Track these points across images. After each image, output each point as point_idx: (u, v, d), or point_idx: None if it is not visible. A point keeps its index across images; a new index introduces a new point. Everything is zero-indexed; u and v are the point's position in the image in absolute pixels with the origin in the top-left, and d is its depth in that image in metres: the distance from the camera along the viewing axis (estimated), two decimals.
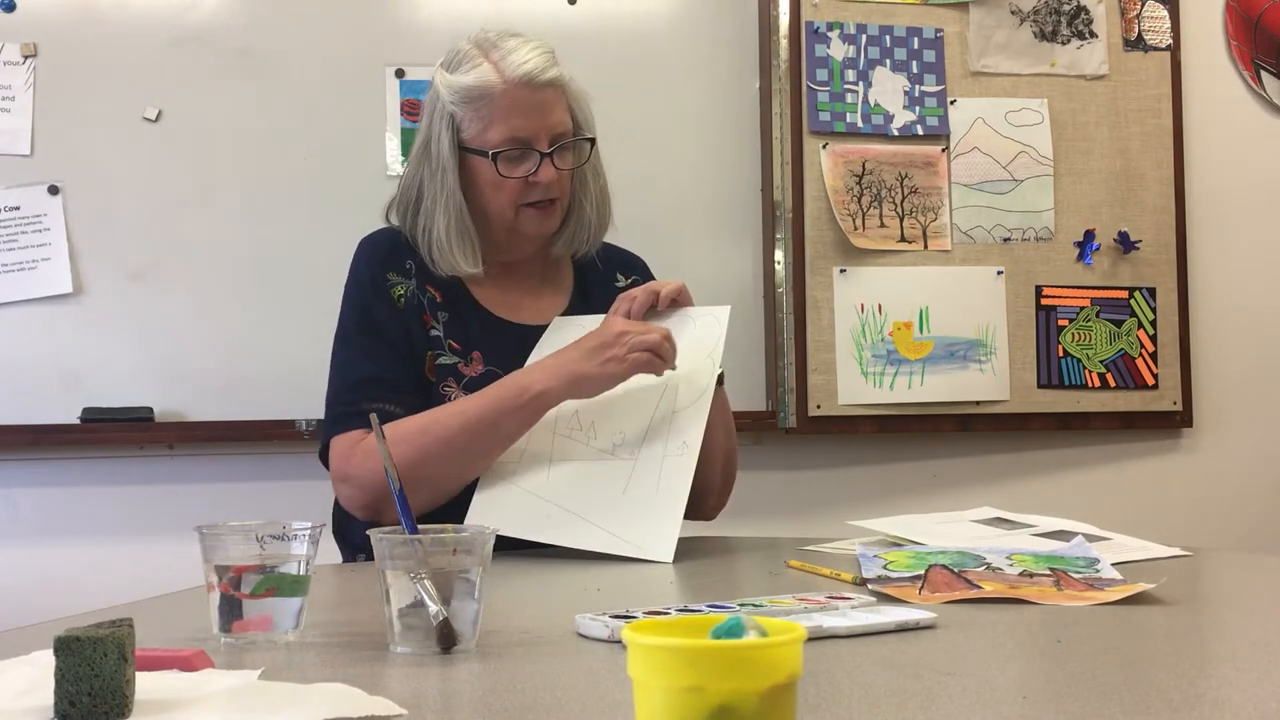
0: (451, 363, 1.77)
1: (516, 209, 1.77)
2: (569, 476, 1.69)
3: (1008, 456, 2.93)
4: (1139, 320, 2.93)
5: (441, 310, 1.79)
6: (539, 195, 1.76)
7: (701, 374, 1.74)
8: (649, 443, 1.70)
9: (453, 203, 1.76)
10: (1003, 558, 1.43)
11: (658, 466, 1.68)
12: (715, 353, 1.75)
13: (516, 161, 1.74)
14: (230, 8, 2.67)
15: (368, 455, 1.66)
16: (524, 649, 1.02)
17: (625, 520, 1.63)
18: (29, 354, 2.57)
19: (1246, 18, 3.05)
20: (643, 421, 1.72)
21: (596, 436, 1.72)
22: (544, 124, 1.74)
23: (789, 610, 1.13)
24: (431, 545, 1.02)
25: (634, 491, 1.66)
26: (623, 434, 1.71)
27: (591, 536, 1.63)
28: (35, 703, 0.81)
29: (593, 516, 1.64)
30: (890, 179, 2.82)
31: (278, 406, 2.57)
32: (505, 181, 1.75)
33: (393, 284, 1.78)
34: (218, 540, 1.07)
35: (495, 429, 1.67)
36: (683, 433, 1.70)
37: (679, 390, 1.73)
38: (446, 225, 1.77)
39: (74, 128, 2.60)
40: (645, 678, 0.64)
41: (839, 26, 2.82)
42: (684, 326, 1.76)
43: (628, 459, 1.69)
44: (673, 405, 1.73)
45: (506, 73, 1.72)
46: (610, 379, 1.67)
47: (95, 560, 2.58)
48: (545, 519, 1.65)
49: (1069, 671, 0.91)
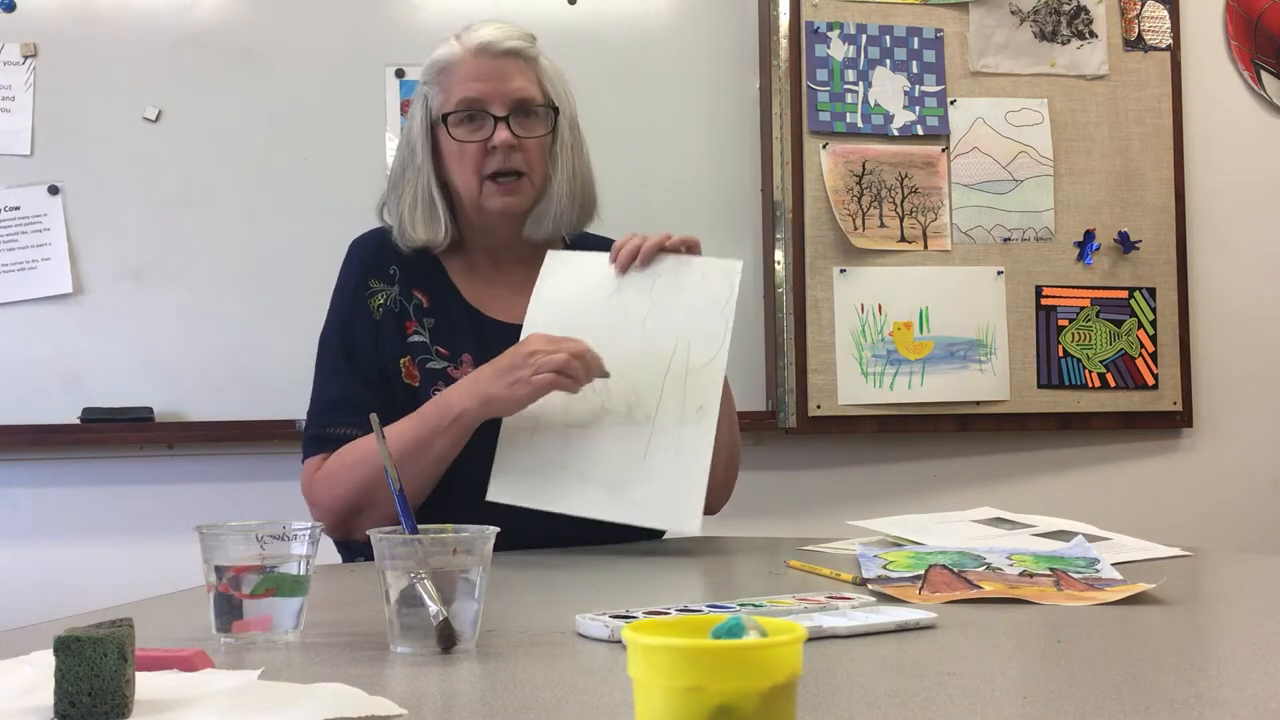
0: (440, 367, 1.76)
1: (481, 182, 1.76)
2: (587, 442, 1.66)
3: (1008, 456, 2.93)
4: (1139, 320, 2.92)
5: (428, 316, 1.79)
6: (498, 163, 1.74)
7: (713, 332, 1.70)
8: (665, 404, 1.67)
9: (422, 176, 1.78)
10: (1003, 558, 1.43)
11: (676, 431, 1.65)
12: (727, 310, 1.70)
13: (469, 125, 1.74)
14: (230, 8, 2.66)
15: (327, 482, 1.71)
16: (524, 649, 1.02)
17: (648, 491, 1.62)
18: (29, 354, 2.57)
19: (1246, 18, 3.05)
20: (656, 382, 1.68)
21: (611, 398, 1.68)
22: (499, 88, 1.74)
23: (789, 610, 1.13)
24: (431, 545, 1.02)
25: (654, 459, 1.64)
26: (636, 393, 1.67)
27: (617, 509, 1.62)
28: (35, 703, 0.81)
29: (615, 487, 1.63)
30: (890, 179, 2.82)
31: (278, 406, 2.57)
32: (465, 150, 1.74)
33: (374, 292, 1.79)
34: (218, 540, 1.07)
35: (428, 450, 1.66)
36: (699, 395, 1.66)
37: (690, 347, 1.69)
38: (413, 198, 1.78)
39: (74, 128, 2.60)
40: (645, 678, 0.64)
41: (839, 26, 2.82)
42: (691, 279, 1.72)
43: (644, 423, 1.66)
44: (685, 364, 1.68)
45: (468, 43, 1.77)
46: (517, 402, 1.63)
47: (95, 560, 2.58)
48: (568, 489, 1.64)
49: (1069, 671, 0.91)
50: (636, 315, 1.71)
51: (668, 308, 1.70)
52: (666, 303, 1.71)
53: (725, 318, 1.70)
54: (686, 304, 1.70)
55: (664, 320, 1.70)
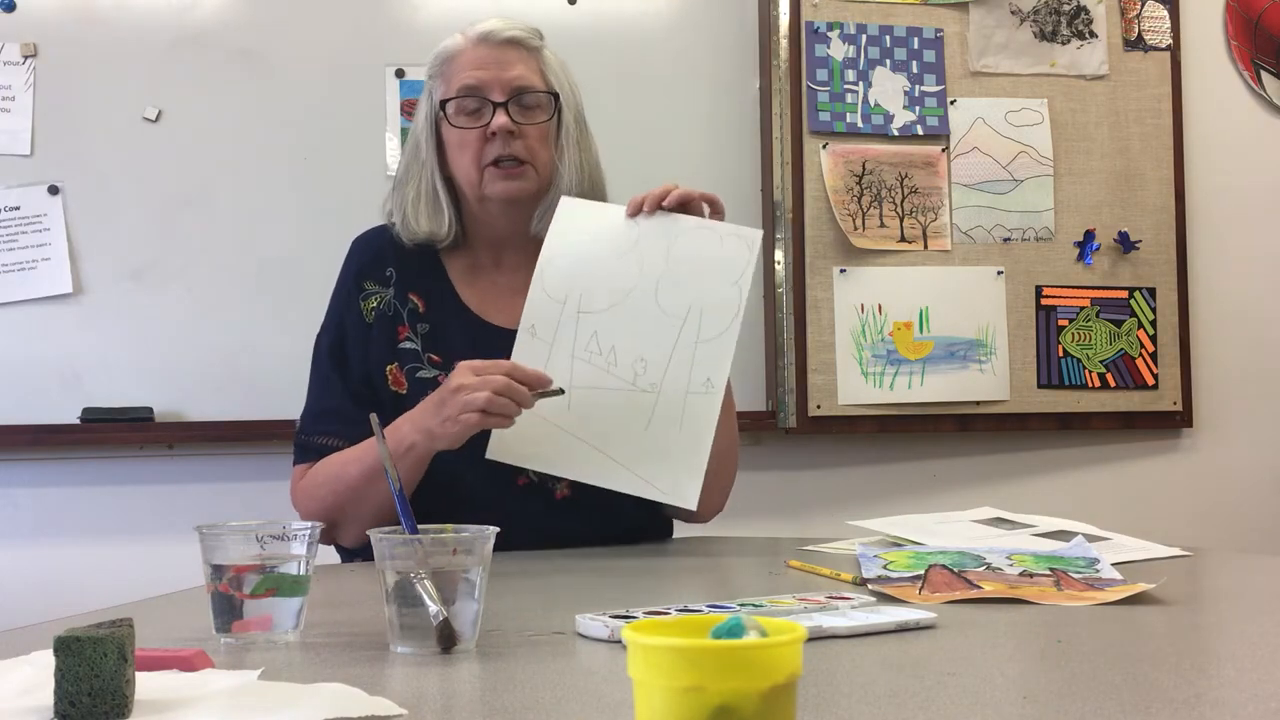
0: (431, 375, 1.73)
1: (481, 170, 1.74)
2: (590, 406, 1.63)
3: (1008, 456, 2.93)
4: (1139, 320, 2.92)
5: (423, 320, 1.77)
6: (499, 149, 1.72)
7: (728, 302, 1.65)
8: (672, 374, 1.63)
9: (426, 169, 1.77)
10: (1003, 558, 1.43)
11: (681, 403, 1.63)
12: (742, 281, 1.65)
13: (469, 112, 1.74)
14: (230, 8, 2.67)
15: (304, 495, 1.73)
16: (524, 649, 1.02)
17: (648, 460, 1.61)
18: (29, 354, 2.57)
19: (1246, 18, 3.05)
20: (665, 350, 1.64)
21: (617, 363, 1.65)
22: (499, 75, 1.73)
23: (789, 610, 1.13)
24: (431, 545, 1.02)
25: (657, 429, 1.62)
26: (644, 362, 1.64)
27: (616, 476, 1.61)
28: (35, 703, 0.81)
29: (615, 453, 1.62)
30: (890, 179, 2.82)
31: (278, 406, 2.57)
32: (466, 138, 1.73)
33: (368, 294, 1.78)
34: (218, 540, 1.07)
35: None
36: (707, 367, 1.63)
37: (703, 317, 1.64)
38: (416, 191, 1.78)
39: (74, 128, 2.60)
40: (645, 678, 0.64)
41: (839, 26, 2.82)
42: (709, 244, 1.66)
43: (650, 391, 1.63)
44: (696, 334, 1.64)
45: (470, 34, 1.78)
46: (452, 439, 1.58)
47: (95, 560, 2.58)
48: (568, 452, 1.62)
49: (1069, 671, 0.91)
50: (650, 276, 1.66)
51: (683, 272, 1.65)
52: (682, 267, 1.65)
53: (740, 288, 1.65)
54: (703, 270, 1.65)
55: (677, 285, 1.65)
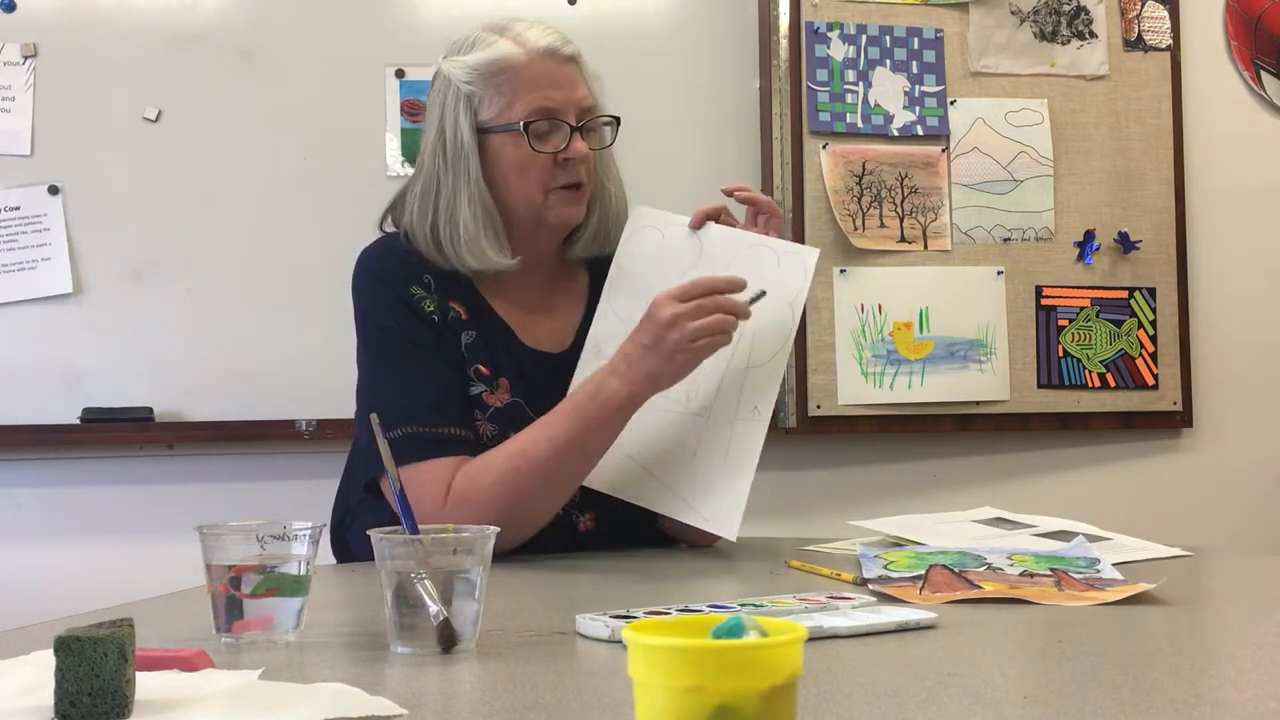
0: (478, 391, 1.66)
1: (546, 194, 1.65)
2: (644, 428, 1.60)
3: (1008, 456, 2.93)
4: (1139, 320, 2.92)
5: (468, 329, 1.68)
6: (569, 176, 1.64)
7: (781, 325, 1.61)
8: (722, 399, 1.62)
9: (478, 190, 1.63)
10: (1003, 558, 1.43)
11: (729, 430, 1.62)
12: (797, 302, 1.61)
13: (546, 136, 1.63)
14: (230, 8, 2.66)
15: (477, 487, 1.55)
16: (524, 649, 1.02)
17: (695, 486, 1.61)
18: (29, 354, 2.57)
19: (1246, 18, 3.05)
20: (716, 374, 1.62)
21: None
22: (571, 97, 1.65)
23: (789, 610, 1.13)
24: (431, 545, 1.02)
25: (704, 456, 1.62)
26: (697, 384, 1.61)
27: (665, 501, 1.62)
28: (35, 703, 0.81)
29: (666, 477, 1.62)
30: (890, 179, 2.82)
31: (278, 406, 2.57)
32: (533, 162, 1.63)
33: (420, 298, 1.66)
34: (218, 540, 1.07)
35: (585, 447, 1.56)
36: (755, 395, 1.62)
37: (754, 342, 1.61)
38: (474, 214, 1.63)
39: (74, 128, 2.60)
40: (646, 678, 0.64)
41: (839, 27, 2.82)
42: (766, 263, 1.62)
43: (700, 415, 1.63)
44: (747, 359, 1.62)
45: (529, 45, 1.65)
46: (681, 374, 1.53)
47: (95, 560, 2.58)
48: (620, 472, 1.62)
49: (1069, 671, 0.91)
50: None
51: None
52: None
53: (795, 309, 1.62)
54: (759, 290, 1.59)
55: None
